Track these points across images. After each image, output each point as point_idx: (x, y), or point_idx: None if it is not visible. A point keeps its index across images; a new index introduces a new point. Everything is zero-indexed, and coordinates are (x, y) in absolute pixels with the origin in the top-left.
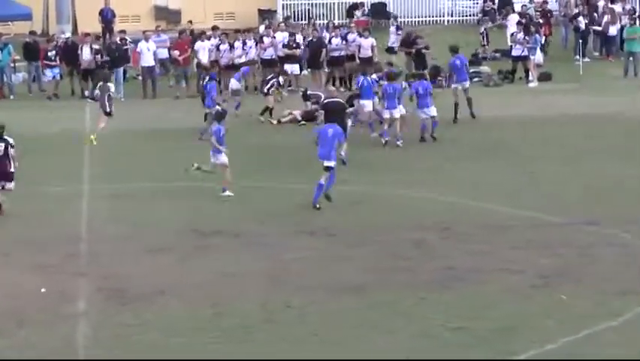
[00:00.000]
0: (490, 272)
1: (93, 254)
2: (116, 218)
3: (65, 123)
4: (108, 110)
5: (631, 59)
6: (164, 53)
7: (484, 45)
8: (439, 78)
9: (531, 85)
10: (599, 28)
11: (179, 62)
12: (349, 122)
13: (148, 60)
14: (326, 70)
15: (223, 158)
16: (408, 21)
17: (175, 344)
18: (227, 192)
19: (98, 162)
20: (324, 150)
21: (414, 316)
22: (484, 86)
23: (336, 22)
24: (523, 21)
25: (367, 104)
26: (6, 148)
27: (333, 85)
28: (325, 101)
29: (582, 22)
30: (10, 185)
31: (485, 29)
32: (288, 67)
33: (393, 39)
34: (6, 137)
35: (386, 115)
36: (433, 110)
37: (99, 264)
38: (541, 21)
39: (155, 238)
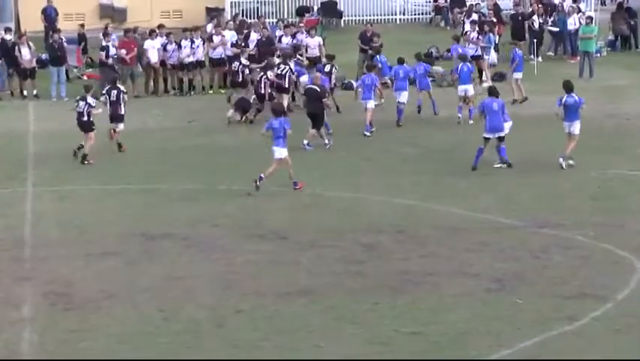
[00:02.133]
0: (445, 276)
1: (38, 258)
2: (62, 221)
3: (8, 124)
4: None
5: (586, 59)
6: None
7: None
8: None
9: (485, 85)
10: (556, 29)
11: (125, 62)
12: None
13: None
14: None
15: None
16: (359, 19)
17: (122, 350)
18: None
19: (43, 164)
20: (492, 122)
21: (366, 321)
22: (437, 86)
23: (286, 20)
24: (477, 19)
25: (469, 89)
26: (118, 94)
27: None
28: (306, 88)
29: (536, 21)
30: (121, 125)
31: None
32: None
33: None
34: (119, 85)
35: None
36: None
37: (44, 268)
38: (494, 20)
39: (102, 241)
